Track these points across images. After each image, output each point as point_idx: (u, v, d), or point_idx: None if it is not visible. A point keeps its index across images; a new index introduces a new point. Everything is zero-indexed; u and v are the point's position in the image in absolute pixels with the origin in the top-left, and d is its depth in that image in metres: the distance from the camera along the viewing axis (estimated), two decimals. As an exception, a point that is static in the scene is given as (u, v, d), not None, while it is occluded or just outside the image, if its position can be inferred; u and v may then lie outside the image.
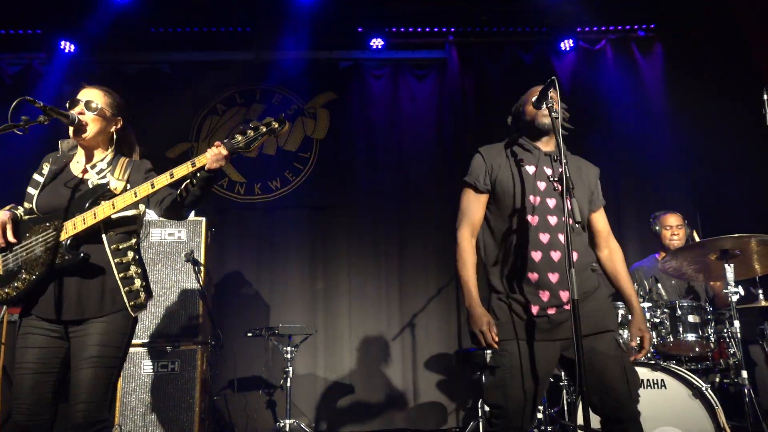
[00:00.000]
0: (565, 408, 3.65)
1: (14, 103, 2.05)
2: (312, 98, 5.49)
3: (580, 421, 2.96)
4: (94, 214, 2.10)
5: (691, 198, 4.86)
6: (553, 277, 2.10)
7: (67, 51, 5.20)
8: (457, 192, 2.34)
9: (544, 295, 2.09)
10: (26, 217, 2.20)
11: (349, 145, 5.39)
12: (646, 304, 3.24)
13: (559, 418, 3.63)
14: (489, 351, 2.14)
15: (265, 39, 5.29)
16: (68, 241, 2.09)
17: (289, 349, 3.88)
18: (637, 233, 4.97)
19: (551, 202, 2.16)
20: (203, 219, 3.88)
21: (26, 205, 2.23)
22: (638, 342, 2.18)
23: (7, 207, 2.24)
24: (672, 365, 3.06)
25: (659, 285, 3.45)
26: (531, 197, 2.16)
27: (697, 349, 3.31)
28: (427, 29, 5.44)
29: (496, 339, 2.06)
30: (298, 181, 5.32)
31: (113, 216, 2.15)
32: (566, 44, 5.41)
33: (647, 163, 5.20)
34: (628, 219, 5.10)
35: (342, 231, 5.20)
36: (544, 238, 2.13)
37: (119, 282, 2.14)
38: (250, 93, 5.50)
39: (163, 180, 2.13)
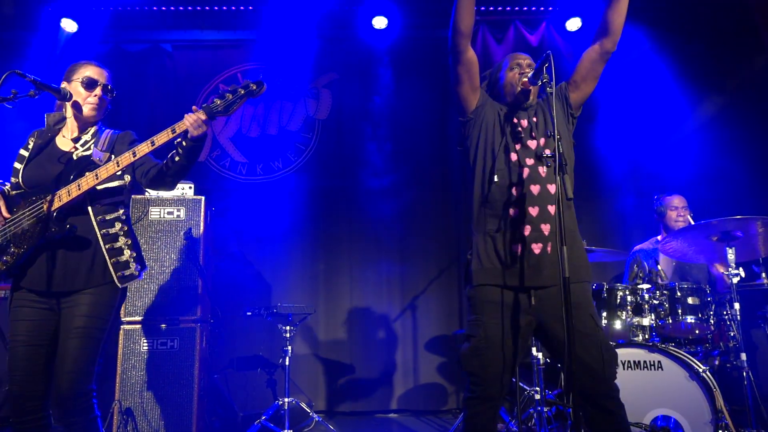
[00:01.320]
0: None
1: (3, 76, 2.06)
2: (314, 78, 5.45)
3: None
4: (78, 186, 2.11)
5: (693, 179, 4.79)
6: (533, 211, 2.15)
7: (68, 30, 5.18)
8: (460, 174, 2.32)
9: (526, 230, 2.14)
10: (14, 192, 2.21)
11: (351, 124, 5.35)
12: (645, 286, 3.21)
13: (557, 401, 3.62)
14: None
15: (268, 18, 5.24)
16: (54, 214, 2.10)
17: (288, 328, 3.89)
18: (637, 215, 4.90)
19: (532, 144, 2.22)
20: (202, 198, 3.88)
21: (13, 180, 2.25)
22: None
23: None
24: (670, 347, 3.03)
25: (659, 267, 3.41)
26: (511, 137, 2.23)
27: (696, 332, 3.28)
28: (431, 7, 5.35)
29: None
30: (301, 162, 5.30)
31: (99, 187, 2.16)
32: (573, 23, 5.30)
33: (651, 144, 5.12)
34: (630, 201, 5.04)
35: (343, 212, 5.19)
36: (523, 173, 2.19)
37: (105, 253, 2.15)
38: (252, 72, 5.47)
39: (144, 148, 2.13)
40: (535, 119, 2.28)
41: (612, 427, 2.03)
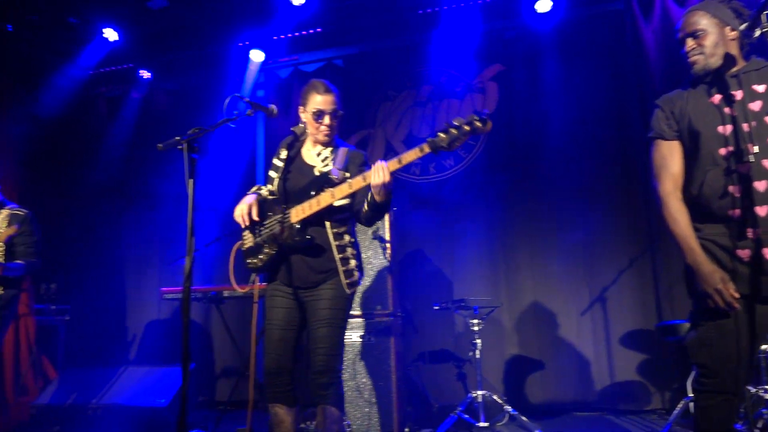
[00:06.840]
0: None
1: (227, 100, 2.40)
2: (479, 72, 5.42)
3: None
4: (318, 201, 2.39)
5: None
6: (761, 211, 1.83)
7: (256, 60, 5.78)
8: (643, 157, 2.09)
9: (750, 233, 1.83)
10: (270, 197, 2.57)
11: (520, 115, 5.22)
12: None
13: None
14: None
15: (429, 19, 5.34)
16: (298, 225, 2.42)
17: (476, 321, 3.90)
18: None
19: (744, 127, 1.88)
20: (386, 199, 4.06)
21: (269, 187, 2.62)
22: None
23: (254, 189, 2.66)
24: None
25: None
26: (719, 128, 1.92)
27: None
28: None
29: (736, 295, 1.81)
30: (471, 158, 5.31)
31: (334, 203, 2.42)
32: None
33: None
34: None
35: (519, 204, 5.08)
36: (743, 168, 1.86)
37: (338, 262, 2.44)
38: (418, 75, 5.61)
39: (359, 181, 2.36)
40: (741, 92, 1.94)
41: None
